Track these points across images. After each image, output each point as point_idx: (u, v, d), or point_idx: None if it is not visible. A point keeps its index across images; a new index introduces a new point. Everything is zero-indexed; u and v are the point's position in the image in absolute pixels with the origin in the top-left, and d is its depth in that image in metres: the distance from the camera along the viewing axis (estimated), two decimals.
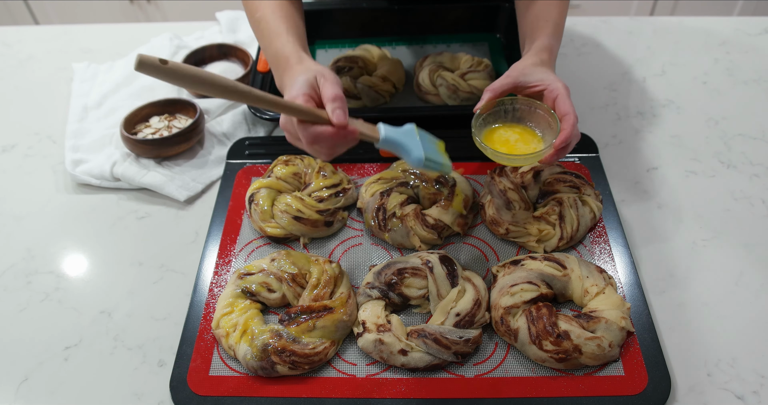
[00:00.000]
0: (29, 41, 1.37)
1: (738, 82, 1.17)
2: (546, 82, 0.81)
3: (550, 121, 0.81)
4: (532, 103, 0.83)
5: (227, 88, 0.61)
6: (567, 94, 0.79)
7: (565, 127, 0.77)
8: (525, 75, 0.82)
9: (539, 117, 0.83)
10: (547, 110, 0.81)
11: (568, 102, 0.79)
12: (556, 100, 0.79)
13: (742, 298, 0.82)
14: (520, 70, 0.82)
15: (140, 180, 0.98)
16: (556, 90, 0.80)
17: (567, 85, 0.80)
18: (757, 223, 0.92)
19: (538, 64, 0.83)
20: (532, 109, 0.83)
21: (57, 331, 0.82)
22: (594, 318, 0.74)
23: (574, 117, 0.78)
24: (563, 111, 0.78)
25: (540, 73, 0.82)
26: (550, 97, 0.80)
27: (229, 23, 1.33)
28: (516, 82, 0.82)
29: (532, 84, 0.81)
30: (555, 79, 0.81)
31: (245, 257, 0.89)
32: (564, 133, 0.76)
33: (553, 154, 0.77)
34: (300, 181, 0.94)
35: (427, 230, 0.86)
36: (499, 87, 0.81)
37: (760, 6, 2.20)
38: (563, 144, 0.77)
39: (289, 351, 0.73)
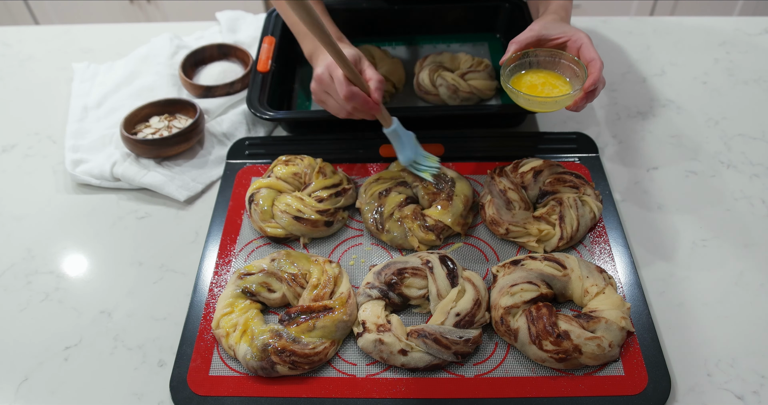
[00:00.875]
0: (29, 41, 1.37)
1: (738, 82, 1.17)
2: (569, 33, 0.85)
3: (576, 69, 0.84)
4: (557, 53, 0.86)
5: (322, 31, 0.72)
6: (591, 43, 0.84)
7: (592, 71, 0.81)
8: (547, 28, 0.86)
9: (564, 67, 0.87)
10: (572, 59, 0.85)
11: (593, 49, 0.83)
12: (581, 49, 0.84)
13: (742, 298, 0.82)
14: (542, 24, 0.87)
15: (140, 180, 0.98)
16: (579, 39, 0.84)
17: (589, 35, 0.85)
18: (757, 223, 0.92)
19: (558, 19, 0.89)
20: (556, 59, 0.87)
21: (57, 331, 0.82)
22: (594, 318, 0.74)
23: (600, 62, 0.81)
24: (589, 57, 0.82)
25: (562, 27, 0.86)
26: (574, 47, 0.85)
27: (229, 23, 1.33)
28: (539, 35, 0.86)
29: (555, 36, 0.86)
30: (577, 30, 0.85)
31: (245, 257, 0.89)
32: (592, 77, 0.80)
33: (583, 96, 0.81)
34: (300, 181, 0.94)
35: (426, 232, 0.86)
36: (523, 39, 0.86)
37: (760, 6, 2.20)
38: (592, 86, 0.80)
39: (289, 351, 0.73)
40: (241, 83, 1.15)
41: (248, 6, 2.22)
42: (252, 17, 1.36)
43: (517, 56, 0.86)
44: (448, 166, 0.98)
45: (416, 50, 1.25)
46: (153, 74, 1.19)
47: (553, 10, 0.92)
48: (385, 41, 1.26)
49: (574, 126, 1.09)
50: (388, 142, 1.01)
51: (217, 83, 1.14)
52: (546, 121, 1.10)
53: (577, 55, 0.84)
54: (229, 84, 1.13)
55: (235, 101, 1.14)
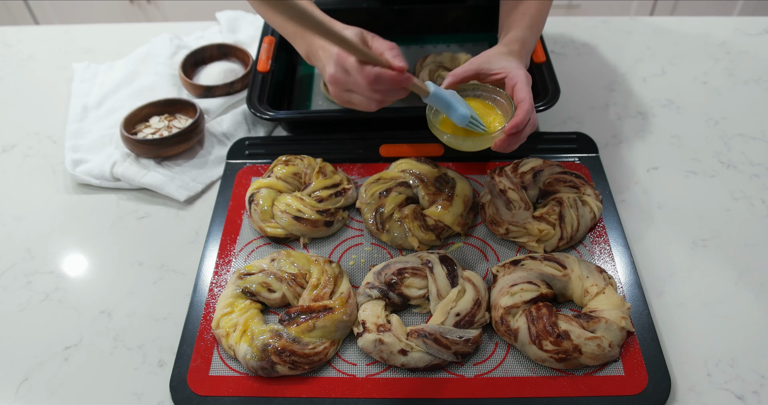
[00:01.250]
0: (29, 41, 1.37)
1: (738, 82, 1.17)
2: (507, 70, 0.81)
3: (508, 108, 0.81)
4: (493, 89, 0.83)
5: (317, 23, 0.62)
6: (526, 82, 0.80)
7: (518, 113, 0.77)
8: (489, 62, 0.82)
9: (499, 104, 0.83)
10: (507, 97, 0.81)
11: (527, 90, 0.79)
12: (515, 88, 0.80)
13: (742, 298, 0.82)
14: (485, 57, 0.83)
15: (140, 180, 0.98)
16: (515, 77, 0.80)
17: (530, 75, 0.81)
18: (757, 223, 0.92)
19: (505, 53, 0.84)
20: (492, 95, 0.84)
21: (57, 331, 0.82)
22: (594, 318, 0.74)
23: (529, 104, 0.78)
24: (519, 97, 0.79)
25: (504, 62, 0.82)
26: (509, 85, 0.81)
27: (229, 23, 1.33)
28: (479, 69, 0.82)
29: (495, 71, 0.82)
30: (517, 67, 0.81)
31: (245, 257, 0.89)
32: (515, 119, 0.77)
33: (504, 139, 0.78)
34: (300, 181, 0.94)
35: (426, 232, 0.86)
36: (461, 72, 0.82)
37: (760, 6, 2.20)
38: (514, 129, 0.77)
39: (289, 351, 0.73)
40: (241, 83, 1.15)
41: (248, 6, 2.20)
42: (252, 17, 1.36)
43: (454, 89, 0.82)
44: (448, 166, 0.98)
45: (416, 50, 1.25)
46: (153, 74, 1.19)
47: (506, 41, 0.87)
48: None
49: (574, 126, 1.09)
50: (388, 142, 1.01)
51: (217, 83, 1.14)
52: (546, 121, 1.10)
53: (511, 93, 0.80)
54: (229, 84, 1.13)
55: (235, 101, 1.14)
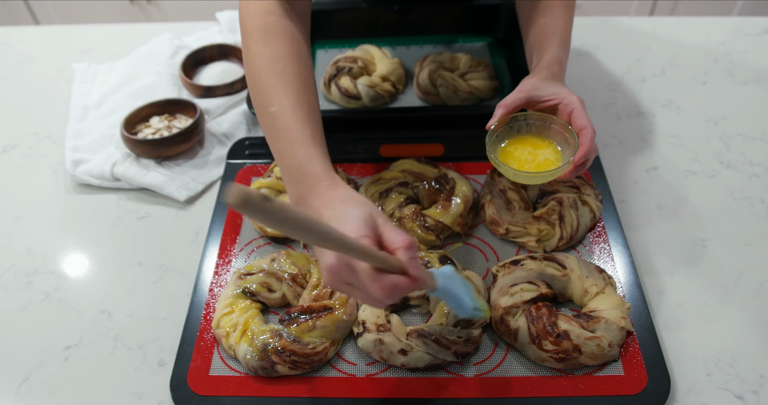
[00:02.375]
0: (29, 41, 1.37)
1: (738, 82, 1.17)
2: (560, 96, 0.78)
3: (566, 135, 0.79)
4: (547, 117, 0.80)
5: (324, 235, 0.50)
6: (583, 108, 0.77)
7: (583, 141, 0.75)
8: (538, 89, 0.79)
9: (555, 132, 0.81)
10: (563, 125, 0.79)
11: (585, 115, 0.76)
12: (572, 114, 0.77)
13: (742, 298, 0.82)
14: (532, 84, 0.80)
15: (140, 180, 0.99)
16: (571, 104, 0.77)
17: (582, 99, 0.78)
18: (757, 223, 0.92)
19: (550, 77, 0.81)
20: (546, 123, 0.81)
21: (57, 331, 0.82)
22: (594, 318, 0.75)
23: (592, 131, 0.75)
24: (581, 125, 0.76)
25: (553, 87, 0.79)
26: (565, 111, 0.78)
27: (229, 23, 1.33)
28: (529, 97, 0.79)
29: (546, 98, 0.79)
30: (569, 92, 0.79)
31: (245, 257, 0.89)
32: (583, 148, 0.74)
33: (573, 170, 0.75)
34: None
35: (426, 232, 0.86)
36: (512, 102, 0.79)
37: (760, 6, 2.20)
38: (582, 159, 0.75)
39: (289, 351, 0.73)
40: (241, 83, 1.15)
41: None
42: None
43: (505, 120, 0.80)
44: (448, 166, 0.98)
45: (416, 50, 1.25)
46: (153, 74, 1.19)
47: (546, 64, 0.83)
48: (385, 41, 1.26)
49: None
50: (388, 142, 1.01)
51: (217, 83, 1.15)
52: None
53: (568, 120, 0.78)
54: (229, 84, 1.13)
55: (235, 101, 1.14)
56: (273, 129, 0.71)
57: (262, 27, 0.76)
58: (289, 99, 0.71)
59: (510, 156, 0.82)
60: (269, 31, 0.76)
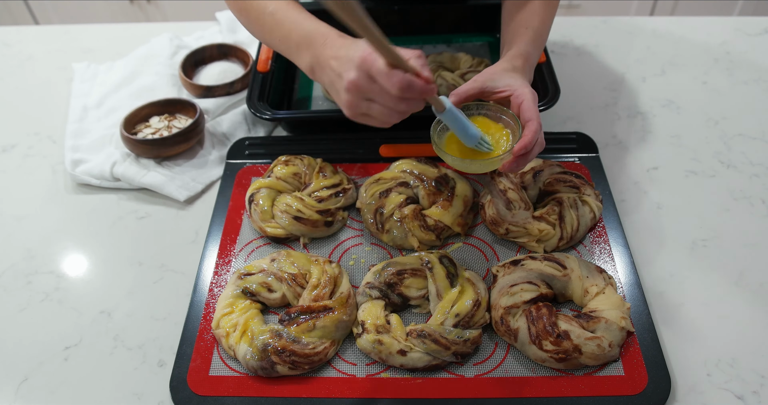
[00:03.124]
0: (29, 41, 1.37)
1: (738, 82, 1.17)
2: (513, 88, 0.78)
3: (515, 127, 0.78)
4: (499, 108, 0.80)
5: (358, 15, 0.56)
6: (533, 100, 0.76)
7: (526, 133, 0.74)
8: (493, 80, 0.79)
9: (505, 123, 0.80)
10: (513, 117, 0.78)
11: (534, 108, 0.76)
12: (521, 106, 0.76)
13: (742, 298, 0.82)
14: (488, 74, 0.79)
15: (140, 180, 0.98)
16: (522, 95, 0.76)
17: (535, 92, 0.78)
18: (757, 223, 0.92)
19: (509, 69, 0.81)
20: (498, 114, 0.80)
21: (57, 331, 0.82)
22: (594, 318, 0.74)
23: (537, 124, 0.74)
24: (527, 117, 0.75)
25: (508, 79, 0.79)
26: (515, 103, 0.77)
27: (229, 23, 1.33)
28: (483, 87, 0.79)
29: (499, 89, 0.78)
30: (523, 84, 0.78)
31: (245, 257, 0.89)
32: (524, 140, 0.73)
33: (512, 160, 0.74)
34: (300, 181, 0.94)
35: (426, 232, 0.86)
36: (464, 91, 0.78)
37: (760, 6, 2.20)
38: (522, 151, 0.73)
39: (289, 351, 0.73)
40: (241, 83, 1.15)
41: None
42: None
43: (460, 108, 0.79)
44: (448, 166, 0.98)
45: None
46: (153, 74, 1.19)
47: (510, 56, 0.83)
48: None
49: (574, 126, 1.09)
50: (388, 142, 1.01)
51: (217, 83, 1.14)
52: (546, 121, 1.10)
53: (517, 112, 0.77)
54: (229, 84, 1.13)
55: (235, 101, 1.14)
56: (275, 22, 0.81)
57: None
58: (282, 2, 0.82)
59: (457, 144, 0.80)
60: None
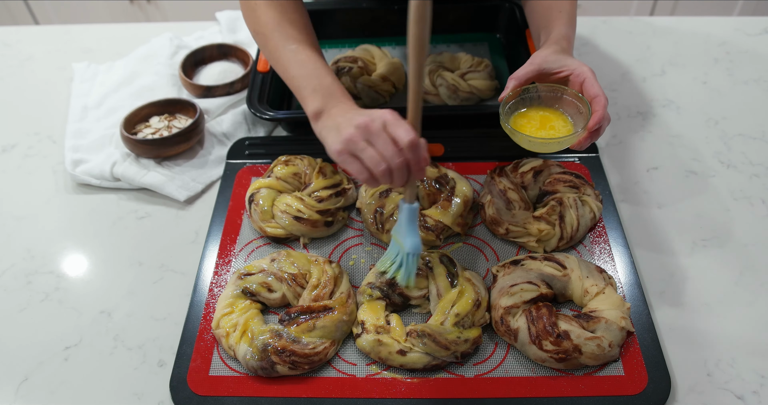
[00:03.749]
0: (29, 41, 1.37)
1: (738, 82, 1.17)
2: (571, 67, 0.82)
3: (579, 105, 0.82)
4: (558, 88, 0.83)
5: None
6: (594, 77, 0.80)
7: (596, 108, 0.78)
8: (548, 62, 0.82)
9: (566, 102, 0.83)
10: (575, 95, 0.82)
11: (597, 84, 0.80)
12: (584, 84, 0.80)
13: (742, 298, 0.82)
14: (543, 57, 0.83)
15: (140, 180, 0.98)
16: (582, 74, 0.81)
17: (592, 69, 0.81)
18: (757, 223, 0.92)
19: (560, 51, 0.84)
20: (558, 94, 0.84)
21: (57, 331, 0.82)
22: (594, 318, 0.74)
23: (605, 99, 0.78)
24: (593, 93, 0.79)
25: (563, 59, 0.83)
26: (576, 82, 0.81)
27: (229, 23, 1.33)
28: (540, 69, 0.82)
29: (557, 70, 0.82)
30: (579, 63, 0.82)
31: (245, 257, 0.89)
32: (597, 115, 0.77)
33: (587, 136, 0.79)
34: (300, 181, 0.94)
35: (426, 232, 0.86)
36: (523, 74, 0.82)
37: (760, 6, 2.20)
38: (597, 125, 0.77)
39: (289, 351, 0.73)
40: (241, 83, 1.15)
41: None
42: None
43: (517, 92, 0.83)
44: (448, 166, 0.98)
45: None
46: (153, 74, 1.19)
47: (554, 39, 0.86)
48: (385, 41, 1.26)
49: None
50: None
51: (217, 83, 1.14)
52: None
53: (579, 90, 0.81)
54: (229, 84, 1.13)
55: (235, 101, 1.14)
56: (296, 60, 0.83)
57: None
58: (305, 41, 0.86)
59: (522, 127, 0.84)
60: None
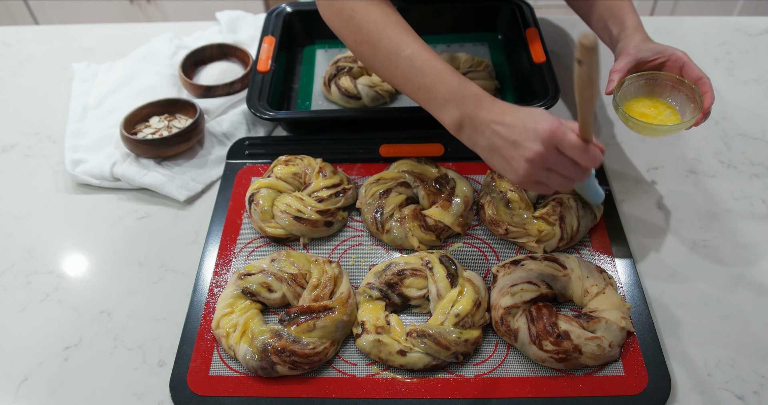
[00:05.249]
0: (29, 41, 1.37)
1: (738, 82, 1.17)
2: (667, 53, 0.84)
3: (680, 88, 0.85)
4: (657, 74, 0.86)
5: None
6: (691, 60, 0.83)
7: (705, 89, 0.81)
8: (642, 51, 0.85)
9: (665, 87, 0.87)
10: (675, 79, 0.85)
11: (696, 66, 0.83)
12: (684, 68, 0.84)
13: (742, 298, 0.82)
14: (635, 47, 0.85)
15: (140, 180, 0.98)
16: (679, 59, 0.84)
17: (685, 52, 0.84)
18: (757, 223, 0.92)
19: (647, 39, 0.87)
20: (657, 80, 0.87)
21: (57, 331, 0.82)
22: (594, 318, 0.74)
23: (708, 78, 0.82)
24: (696, 75, 0.82)
25: (656, 47, 0.85)
26: (675, 67, 0.84)
27: (229, 23, 1.33)
28: (637, 59, 0.85)
29: (652, 57, 0.85)
30: (673, 49, 0.85)
31: (245, 257, 0.89)
32: (708, 95, 0.81)
33: (702, 116, 0.82)
34: (300, 181, 0.94)
35: (426, 232, 0.86)
36: (624, 65, 0.85)
37: (760, 6, 2.20)
38: (711, 105, 0.81)
39: (289, 351, 0.73)
40: (241, 83, 1.15)
41: (248, 6, 2.22)
42: (252, 17, 1.36)
43: (621, 84, 0.86)
44: (448, 166, 0.98)
45: None
46: (153, 74, 1.19)
47: (634, 27, 0.88)
48: None
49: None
50: (388, 142, 1.01)
51: (217, 83, 1.14)
52: None
53: (679, 74, 0.84)
54: (229, 84, 1.13)
55: (235, 101, 1.14)
56: (414, 69, 0.76)
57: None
58: (417, 42, 0.78)
59: (634, 113, 0.87)
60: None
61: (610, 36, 0.93)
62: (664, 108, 0.87)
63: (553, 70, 1.03)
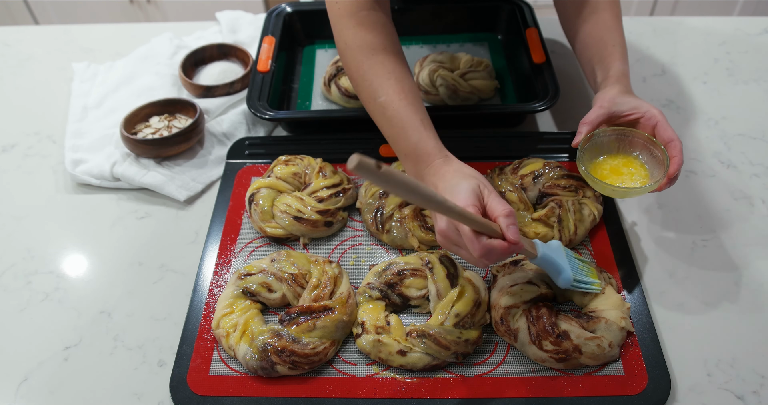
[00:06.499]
0: (29, 41, 1.37)
1: (738, 82, 1.17)
2: (641, 110, 0.81)
3: (651, 148, 0.82)
4: (629, 131, 0.83)
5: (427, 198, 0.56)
6: (665, 120, 0.80)
7: (674, 154, 0.78)
8: (617, 104, 0.82)
9: (638, 145, 0.84)
10: (647, 138, 0.82)
11: (670, 128, 0.79)
12: (657, 127, 0.80)
13: (742, 298, 0.82)
14: (610, 99, 0.82)
15: (140, 180, 0.98)
16: (653, 117, 0.80)
17: (661, 110, 0.81)
18: (757, 223, 0.92)
19: (625, 92, 0.84)
20: (629, 137, 0.84)
21: (57, 331, 0.82)
22: (594, 318, 0.74)
23: (680, 142, 0.78)
24: (667, 137, 0.79)
25: (632, 101, 0.82)
26: (648, 125, 0.81)
27: (229, 23, 1.33)
28: (610, 113, 0.82)
29: (627, 112, 0.82)
30: (649, 105, 0.81)
31: (245, 257, 0.89)
32: (675, 161, 0.77)
33: (667, 182, 0.79)
34: (300, 181, 0.94)
35: (426, 232, 0.86)
36: (594, 118, 0.82)
37: (760, 6, 2.20)
38: (677, 172, 0.77)
39: (289, 351, 0.73)
40: (241, 83, 1.15)
41: (248, 6, 2.22)
42: (252, 17, 1.36)
43: (590, 137, 0.83)
44: None
45: (416, 50, 1.25)
46: (153, 74, 1.19)
47: (615, 78, 0.85)
48: None
49: (574, 126, 1.08)
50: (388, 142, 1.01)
51: (217, 83, 1.14)
52: (546, 121, 1.10)
53: (651, 133, 0.81)
54: (229, 84, 1.13)
55: (235, 101, 1.14)
56: (384, 118, 0.78)
57: (356, 23, 0.81)
58: (393, 88, 0.78)
59: (601, 174, 0.84)
60: (363, 26, 0.81)
61: (595, 82, 0.91)
62: (636, 166, 0.84)
63: (553, 70, 1.03)
